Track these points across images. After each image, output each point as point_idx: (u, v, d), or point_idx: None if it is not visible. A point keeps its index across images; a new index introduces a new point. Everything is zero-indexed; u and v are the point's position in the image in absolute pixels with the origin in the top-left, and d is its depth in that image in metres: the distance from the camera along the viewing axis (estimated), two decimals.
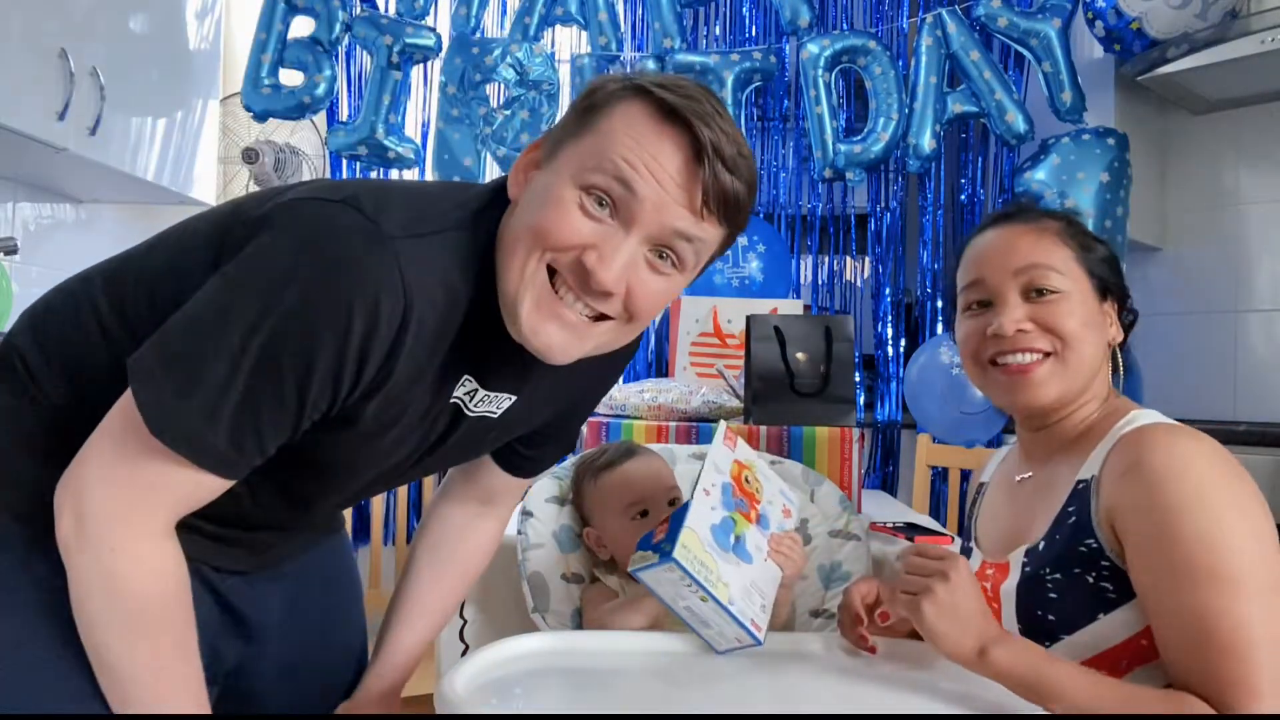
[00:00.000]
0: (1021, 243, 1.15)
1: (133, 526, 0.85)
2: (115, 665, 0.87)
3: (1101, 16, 2.67)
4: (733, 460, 1.21)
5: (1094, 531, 1.03)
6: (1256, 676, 0.90)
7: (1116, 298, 1.17)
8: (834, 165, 3.01)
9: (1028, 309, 1.12)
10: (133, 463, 0.84)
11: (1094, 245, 1.17)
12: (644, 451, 1.51)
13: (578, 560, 1.49)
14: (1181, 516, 0.95)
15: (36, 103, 2.19)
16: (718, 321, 2.38)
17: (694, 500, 1.10)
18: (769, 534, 1.19)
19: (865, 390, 3.26)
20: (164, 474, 0.85)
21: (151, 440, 0.83)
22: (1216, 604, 0.92)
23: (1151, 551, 0.97)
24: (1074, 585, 1.04)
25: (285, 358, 0.82)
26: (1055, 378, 1.11)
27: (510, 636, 1.13)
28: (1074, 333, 1.11)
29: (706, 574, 1.06)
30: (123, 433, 0.85)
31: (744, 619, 1.07)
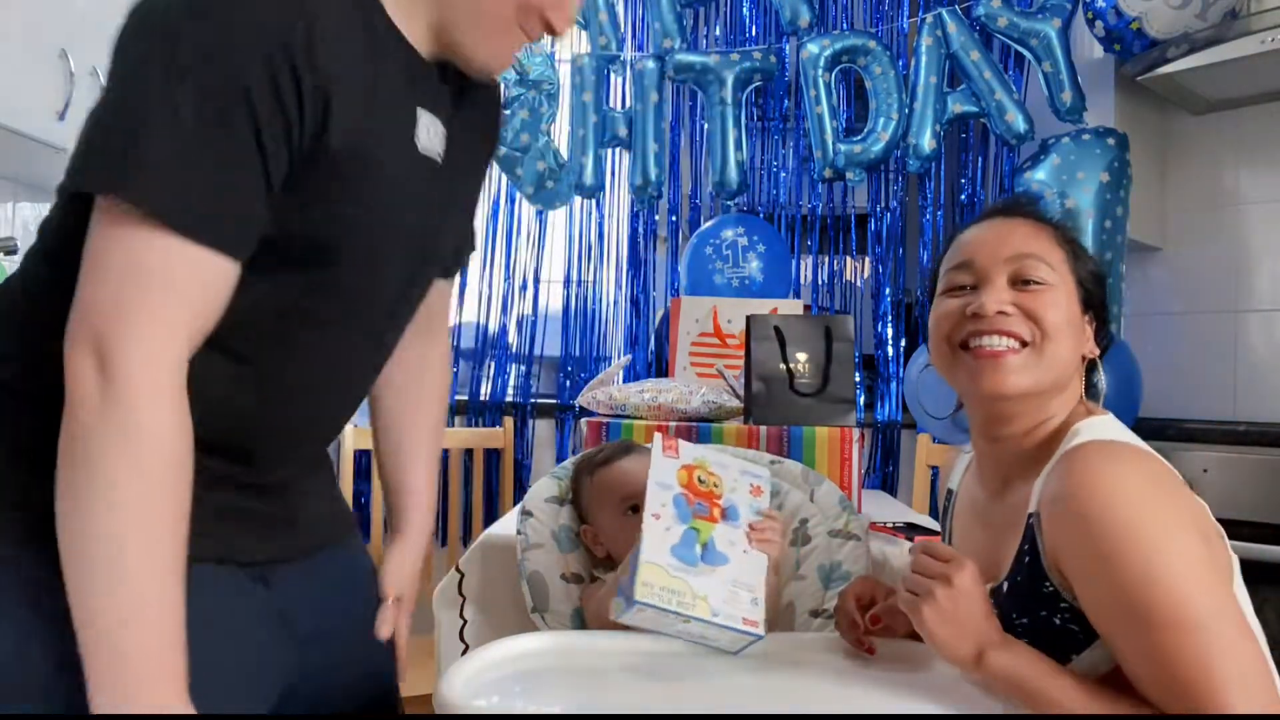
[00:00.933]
0: (1017, 233, 1.13)
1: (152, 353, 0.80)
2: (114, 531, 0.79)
3: (1101, 16, 2.67)
4: (678, 468, 1.17)
5: (1047, 574, 1.00)
6: (1232, 700, 0.87)
7: (1097, 314, 1.14)
8: (834, 165, 3.01)
9: (1013, 294, 1.09)
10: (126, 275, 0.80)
11: (1085, 256, 1.15)
12: (641, 450, 1.51)
13: (577, 560, 1.50)
14: (1118, 559, 0.91)
15: (37, 103, 2.19)
16: (718, 321, 2.38)
17: (644, 532, 1.09)
18: (742, 524, 1.16)
19: (865, 390, 3.26)
20: (163, 269, 0.80)
21: (129, 241, 0.80)
22: (1175, 647, 0.89)
23: (1099, 597, 0.94)
24: (1041, 629, 1.01)
25: (217, 95, 0.80)
26: (1028, 369, 1.07)
27: (509, 636, 1.13)
28: (1055, 325, 1.07)
29: (679, 599, 1.06)
30: (103, 256, 0.81)
31: (733, 624, 1.07)
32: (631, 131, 3.14)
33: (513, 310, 3.39)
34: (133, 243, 0.80)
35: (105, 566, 0.78)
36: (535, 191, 3.14)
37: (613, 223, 3.43)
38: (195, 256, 0.82)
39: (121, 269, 0.80)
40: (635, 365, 3.29)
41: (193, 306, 0.83)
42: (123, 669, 0.78)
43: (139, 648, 0.79)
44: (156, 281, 0.81)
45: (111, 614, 0.78)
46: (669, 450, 1.18)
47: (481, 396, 3.33)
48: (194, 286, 0.83)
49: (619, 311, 3.41)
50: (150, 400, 0.79)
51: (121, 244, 0.80)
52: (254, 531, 1.03)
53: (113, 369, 0.78)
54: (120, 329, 0.79)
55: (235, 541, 1.00)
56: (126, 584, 0.78)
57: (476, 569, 1.63)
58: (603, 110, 3.15)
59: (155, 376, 0.80)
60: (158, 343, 0.80)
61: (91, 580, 0.79)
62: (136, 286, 0.80)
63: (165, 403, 0.81)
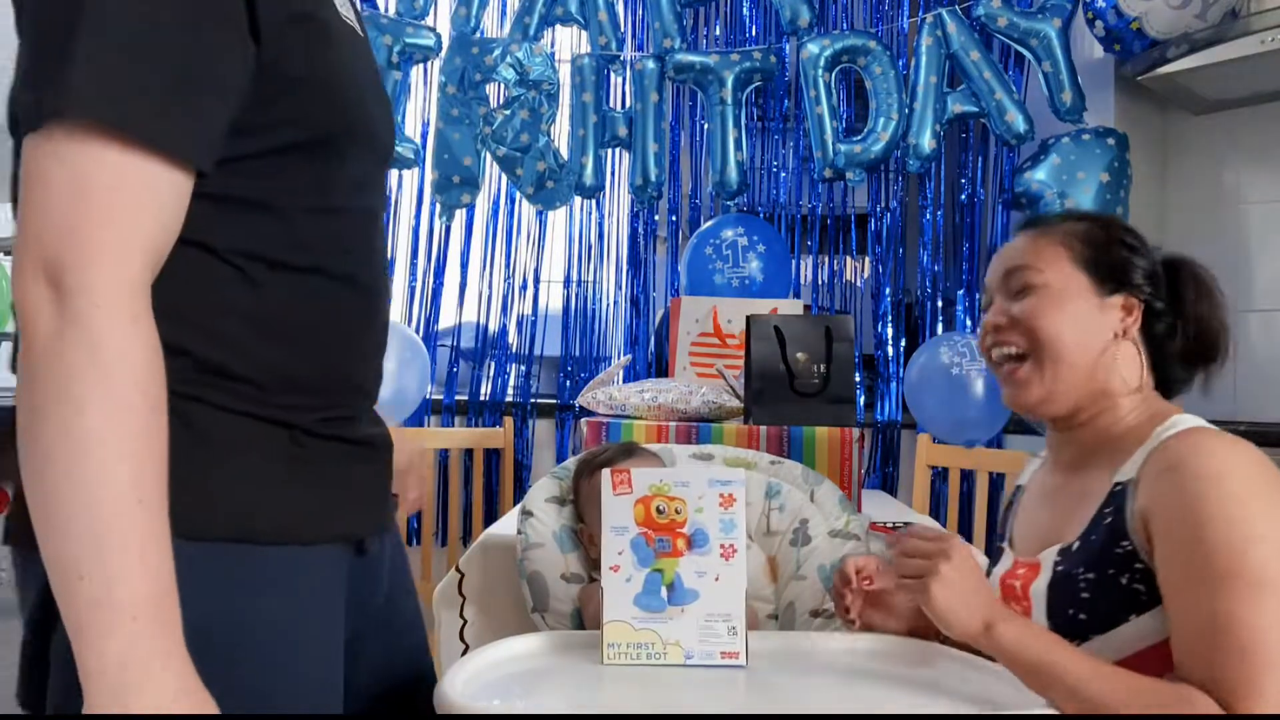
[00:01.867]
0: (1013, 248, 1.21)
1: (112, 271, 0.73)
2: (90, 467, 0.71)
3: (1101, 16, 2.67)
4: (633, 503, 1.10)
5: (1129, 534, 1.03)
6: (1265, 680, 0.90)
7: (1131, 289, 1.15)
8: (834, 165, 3.01)
9: (1010, 305, 1.17)
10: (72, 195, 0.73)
11: (1103, 239, 1.16)
12: (642, 452, 1.51)
13: (577, 560, 1.50)
14: (1213, 522, 0.95)
15: None
16: (718, 321, 2.38)
17: (604, 589, 1.08)
18: (712, 546, 1.10)
19: (865, 390, 3.26)
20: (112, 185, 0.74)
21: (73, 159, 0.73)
22: (1236, 608, 0.92)
23: (1179, 552, 0.98)
24: (1107, 586, 1.04)
25: None
26: (1034, 382, 1.14)
27: (510, 637, 1.13)
28: (1047, 331, 1.13)
29: (649, 652, 1.06)
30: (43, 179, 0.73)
31: (710, 660, 1.06)
32: (631, 131, 3.14)
33: (513, 310, 3.39)
34: (79, 160, 0.73)
35: (84, 511, 0.70)
36: (535, 191, 3.15)
37: (613, 223, 3.43)
38: (148, 169, 0.75)
39: (68, 190, 0.73)
40: (635, 365, 3.29)
41: (149, 223, 0.76)
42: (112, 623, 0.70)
43: (140, 596, 0.71)
44: (114, 200, 0.74)
45: (97, 568, 0.70)
46: (621, 486, 1.10)
47: (481, 396, 3.33)
48: (152, 202, 0.76)
49: (619, 311, 3.41)
50: (113, 318, 0.72)
51: (63, 164, 0.73)
52: (363, 504, 1.00)
53: (68, 290, 0.71)
54: (73, 250, 0.72)
55: (350, 517, 0.97)
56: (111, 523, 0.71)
57: (477, 569, 1.63)
58: (603, 110, 3.15)
59: (116, 295, 0.72)
60: (117, 261, 0.73)
61: (75, 530, 0.70)
62: (86, 205, 0.73)
63: (129, 322, 0.73)
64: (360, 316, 0.97)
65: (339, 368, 0.94)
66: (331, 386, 0.93)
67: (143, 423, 0.73)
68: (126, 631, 0.70)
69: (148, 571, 0.72)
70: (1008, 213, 3.14)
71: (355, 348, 0.97)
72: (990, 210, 3.21)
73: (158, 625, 0.72)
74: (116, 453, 0.71)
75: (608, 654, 1.05)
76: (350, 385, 0.97)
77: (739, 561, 1.10)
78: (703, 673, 1.06)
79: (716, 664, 1.06)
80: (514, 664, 1.07)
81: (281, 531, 0.87)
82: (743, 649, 1.07)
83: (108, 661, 0.70)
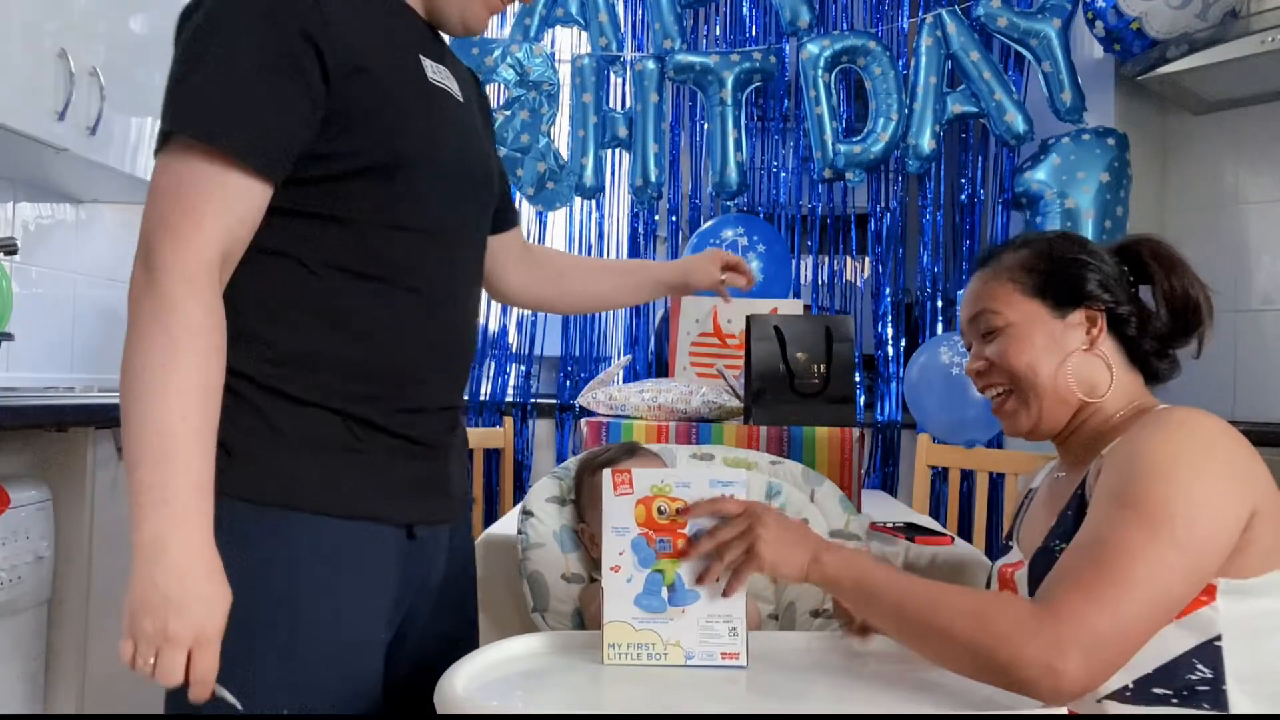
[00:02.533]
0: (973, 291, 1.26)
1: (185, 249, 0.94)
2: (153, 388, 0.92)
3: (1101, 16, 2.67)
4: (634, 504, 1.09)
5: (1088, 498, 1.07)
6: (1108, 596, 0.92)
7: (1088, 302, 1.17)
8: (834, 165, 3.01)
9: (984, 348, 1.22)
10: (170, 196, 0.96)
11: (1050, 263, 1.19)
12: (644, 452, 1.51)
13: (578, 560, 1.49)
14: (1148, 461, 1.00)
15: (36, 103, 2.19)
16: (717, 321, 2.38)
17: (605, 589, 1.08)
18: None
19: (865, 390, 3.27)
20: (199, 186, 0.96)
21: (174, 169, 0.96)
22: (1129, 533, 0.95)
23: (1107, 484, 1.02)
24: None
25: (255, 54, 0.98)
26: (1021, 411, 1.19)
27: (510, 636, 1.13)
28: (1021, 368, 1.17)
29: (649, 653, 1.06)
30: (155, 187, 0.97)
31: (711, 661, 1.06)
32: (631, 132, 3.14)
33: (513, 310, 3.39)
34: (179, 169, 0.97)
35: (142, 421, 0.92)
36: (536, 192, 3.14)
37: (613, 223, 3.43)
38: (227, 177, 0.97)
39: (168, 193, 0.96)
40: (635, 365, 3.29)
41: (225, 218, 0.97)
42: (153, 505, 0.91)
43: (173, 488, 0.91)
44: (195, 198, 0.96)
45: (147, 462, 0.91)
46: (622, 486, 1.10)
47: (481, 396, 3.33)
48: (226, 201, 0.97)
49: (619, 311, 3.41)
50: (179, 283, 0.93)
51: (167, 172, 0.97)
52: (412, 494, 1.14)
53: (153, 268, 0.94)
54: (161, 236, 0.94)
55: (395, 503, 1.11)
56: (160, 435, 0.91)
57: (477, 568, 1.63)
58: (603, 111, 3.15)
59: (185, 266, 0.94)
60: (190, 243, 0.95)
61: (138, 437, 0.92)
62: (178, 202, 0.96)
63: (193, 287, 0.94)
64: (422, 325, 1.11)
65: (400, 371, 1.10)
66: (391, 386, 1.09)
67: (192, 361, 0.93)
68: (160, 513, 0.91)
69: (185, 472, 0.92)
70: (1008, 213, 3.14)
71: (416, 354, 1.11)
72: (990, 210, 3.21)
73: (187, 515, 0.92)
74: (170, 382, 0.92)
75: (608, 654, 1.05)
76: (409, 387, 1.11)
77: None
78: (703, 673, 1.06)
79: (717, 664, 1.06)
80: (515, 664, 1.07)
81: (326, 505, 1.04)
82: (743, 650, 1.07)
83: (144, 534, 0.90)
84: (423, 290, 1.11)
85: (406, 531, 1.12)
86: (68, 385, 2.66)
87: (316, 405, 1.05)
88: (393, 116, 1.07)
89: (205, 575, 0.93)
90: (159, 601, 0.90)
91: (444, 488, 1.20)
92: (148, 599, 0.90)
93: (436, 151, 1.12)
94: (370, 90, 1.05)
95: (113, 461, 1.93)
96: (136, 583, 0.91)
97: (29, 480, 1.77)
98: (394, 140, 1.07)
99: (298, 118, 1.00)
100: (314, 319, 1.05)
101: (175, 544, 0.91)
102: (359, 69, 1.03)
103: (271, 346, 1.03)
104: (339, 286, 1.06)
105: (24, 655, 1.77)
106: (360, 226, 1.06)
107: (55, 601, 1.84)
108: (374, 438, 1.08)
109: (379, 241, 1.07)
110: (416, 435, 1.13)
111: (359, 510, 1.07)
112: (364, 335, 1.07)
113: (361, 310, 1.07)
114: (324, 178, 1.04)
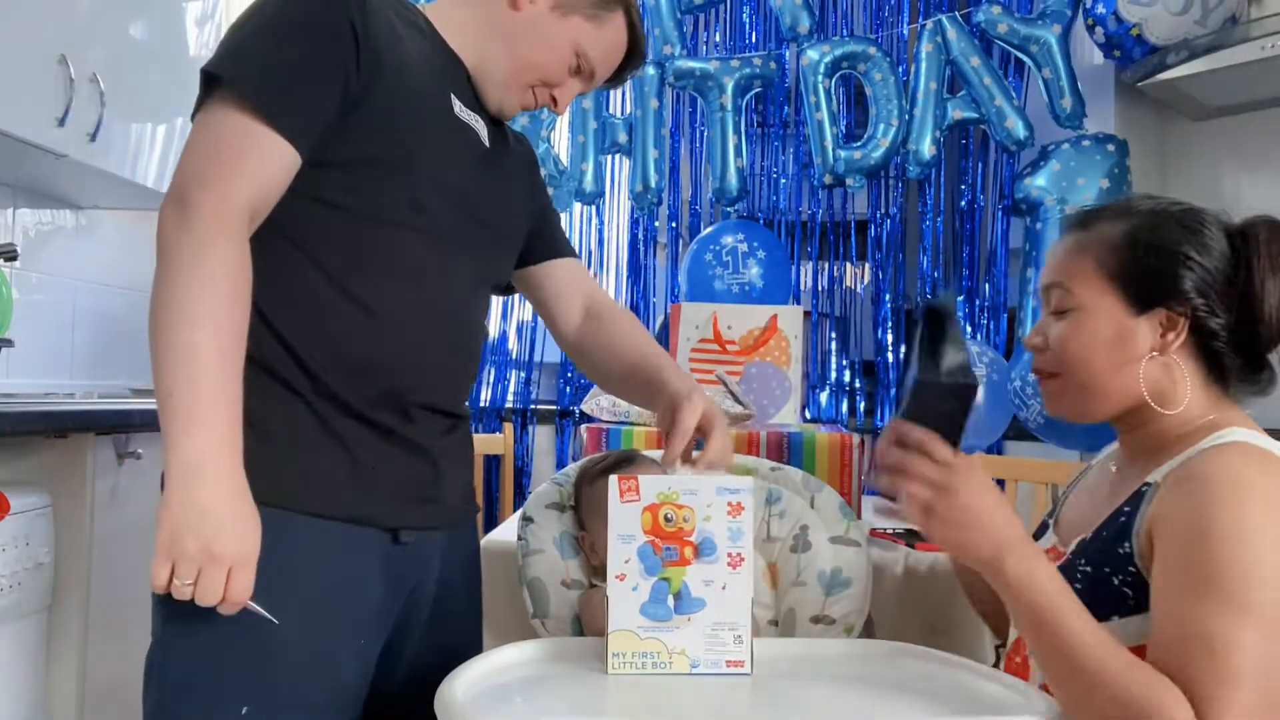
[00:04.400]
0: (1055, 256, 1.17)
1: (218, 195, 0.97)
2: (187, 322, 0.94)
3: (1101, 23, 2.68)
4: (641, 511, 1.09)
5: (1131, 537, 1.02)
6: (1229, 698, 0.89)
7: (1174, 303, 1.07)
8: (834, 171, 3.01)
9: (1049, 324, 1.15)
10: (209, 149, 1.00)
11: (1144, 250, 1.09)
12: (643, 460, 1.51)
13: (578, 566, 1.49)
14: (1220, 535, 0.93)
15: (36, 109, 2.19)
16: (718, 328, 2.37)
17: (609, 597, 1.07)
18: (719, 555, 1.09)
19: (865, 397, 3.26)
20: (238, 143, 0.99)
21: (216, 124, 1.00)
22: (1220, 623, 0.91)
23: (1179, 557, 0.96)
24: (1100, 582, 1.04)
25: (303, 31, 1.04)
26: (1064, 397, 1.14)
27: (510, 643, 1.13)
28: (1075, 356, 1.11)
29: (654, 661, 1.05)
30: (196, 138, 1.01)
31: (716, 669, 1.06)
32: (631, 138, 3.14)
33: (513, 316, 3.39)
34: (220, 124, 1.00)
35: (175, 349, 0.93)
36: None
37: (613, 229, 3.43)
38: (263, 135, 1.00)
39: (208, 144, 1.00)
40: None
41: (259, 176, 1.00)
42: (190, 428, 0.92)
43: (210, 412, 0.93)
44: (232, 151, 0.99)
45: (181, 387, 0.93)
46: (628, 494, 1.09)
47: (481, 402, 3.33)
48: (262, 161, 1.00)
49: None
50: (216, 227, 0.96)
51: (210, 127, 1.01)
52: (407, 500, 1.14)
53: (188, 210, 0.96)
54: (196, 185, 0.97)
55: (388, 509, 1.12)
56: (195, 362, 0.93)
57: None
58: (603, 117, 3.15)
59: (220, 211, 0.96)
60: (225, 191, 0.97)
61: (172, 364, 0.93)
62: (217, 154, 0.99)
63: (230, 231, 0.97)
64: (415, 323, 1.12)
65: (388, 366, 1.10)
66: (377, 381, 1.10)
67: (226, 295, 0.96)
68: (199, 435, 0.92)
69: (221, 398, 0.94)
70: (1008, 219, 3.14)
71: (405, 350, 1.12)
72: (990, 216, 3.21)
73: (224, 439, 0.94)
74: (205, 313, 0.94)
75: (613, 664, 1.05)
76: (398, 384, 1.11)
77: (746, 570, 1.09)
78: (705, 680, 1.05)
79: (722, 672, 1.06)
80: (514, 670, 1.07)
81: (303, 502, 1.05)
82: (748, 657, 1.06)
83: (182, 456, 0.92)
84: (417, 289, 1.13)
85: (392, 536, 1.12)
86: (68, 391, 2.66)
87: (299, 394, 1.06)
88: (408, 120, 1.11)
89: (242, 496, 0.95)
90: (200, 520, 0.91)
91: (435, 492, 1.19)
92: (188, 518, 0.91)
93: (445, 165, 1.15)
94: (393, 93, 1.09)
95: (113, 467, 1.93)
96: (175, 503, 0.91)
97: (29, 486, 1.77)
98: (405, 140, 1.11)
99: (332, 98, 1.04)
100: (303, 306, 1.07)
101: (214, 465, 0.93)
102: (386, 72, 1.08)
103: (259, 332, 1.04)
104: (330, 275, 1.08)
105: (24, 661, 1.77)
106: (357, 217, 1.09)
107: (55, 607, 1.83)
108: (357, 433, 1.09)
109: (374, 234, 1.10)
110: (404, 434, 1.13)
111: (338, 510, 1.07)
112: (352, 327, 1.08)
113: (351, 301, 1.08)
114: (329, 162, 1.06)
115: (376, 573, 1.11)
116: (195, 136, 1.02)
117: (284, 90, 1.02)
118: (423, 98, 1.14)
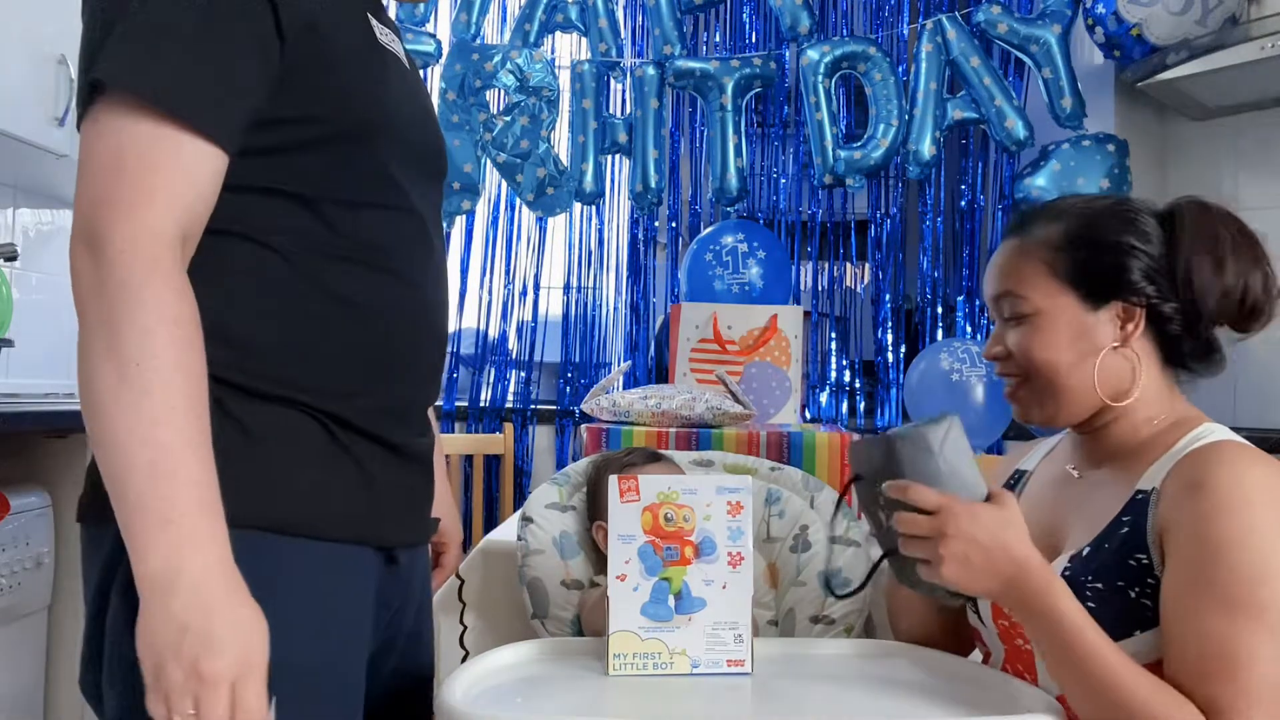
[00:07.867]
0: (999, 267, 1.16)
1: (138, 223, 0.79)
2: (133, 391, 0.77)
3: (1101, 23, 2.68)
4: (641, 511, 1.09)
5: (1147, 547, 1.00)
6: (1251, 711, 0.89)
7: (1128, 294, 1.09)
8: (834, 171, 3.01)
9: (1005, 333, 1.14)
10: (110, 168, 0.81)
11: (1088, 246, 1.11)
12: (667, 460, 1.52)
13: (578, 566, 1.49)
14: (1233, 547, 0.93)
15: (36, 109, 2.19)
16: (718, 328, 2.38)
17: (610, 598, 1.07)
18: (719, 554, 1.09)
19: (865, 397, 3.26)
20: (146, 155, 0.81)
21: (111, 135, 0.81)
22: (1237, 637, 0.91)
23: (1191, 571, 0.95)
24: (1115, 597, 1.01)
25: None
26: (1032, 403, 1.13)
27: (510, 643, 1.13)
28: (1040, 361, 1.10)
29: (655, 662, 1.05)
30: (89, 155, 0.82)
31: (717, 669, 1.06)
32: (631, 138, 3.14)
33: (513, 316, 3.39)
34: (116, 135, 0.81)
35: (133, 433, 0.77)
36: (535, 198, 3.15)
37: (613, 229, 3.43)
38: (178, 140, 0.82)
39: (108, 164, 0.81)
40: (635, 371, 3.28)
41: (181, 192, 0.82)
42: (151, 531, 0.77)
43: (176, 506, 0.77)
44: (143, 167, 0.81)
45: (137, 476, 0.76)
46: (629, 494, 1.09)
47: (481, 402, 3.33)
48: (181, 172, 0.82)
49: (619, 317, 3.41)
50: (140, 268, 0.78)
51: (103, 139, 0.81)
52: (402, 513, 1.04)
53: (102, 250, 0.78)
54: (107, 214, 0.79)
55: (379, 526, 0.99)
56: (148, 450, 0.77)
57: (477, 575, 1.63)
58: (603, 117, 3.15)
59: (143, 247, 0.79)
60: (145, 219, 0.80)
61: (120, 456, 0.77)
62: (121, 175, 0.80)
63: (157, 269, 0.79)
64: (401, 310, 0.99)
65: (379, 363, 0.97)
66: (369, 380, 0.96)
67: (171, 356, 0.78)
68: (165, 537, 0.76)
69: (186, 486, 0.78)
70: (1008, 219, 3.14)
71: (395, 343, 0.99)
72: (990, 216, 3.21)
73: (197, 534, 0.77)
74: (149, 386, 0.77)
75: (614, 665, 1.05)
76: (390, 382, 0.99)
77: (746, 569, 1.09)
78: (705, 680, 1.05)
79: (723, 672, 1.05)
80: (514, 670, 1.07)
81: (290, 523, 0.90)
82: (748, 657, 1.07)
83: (152, 566, 0.76)
84: (398, 271, 0.99)
85: (386, 556, 1.01)
86: (68, 391, 2.66)
87: (285, 402, 0.91)
88: (348, 79, 0.95)
89: (230, 597, 0.79)
90: (179, 639, 0.76)
91: (424, 504, 1.10)
92: (167, 640, 0.76)
93: (393, 119, 1.00)
94: (323, 50, 0.92)
95: None
96: (150, 623, 0.76)
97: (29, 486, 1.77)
98: (349, 105, 0.94)
99: (253, 76, 0.86)
100: (277, 306, 0.92)
101: (190, 568, 0.77)
102: (310, 26, 0.90)
103: (231, 340, 0.89)
104: (305, 270, 0.93)
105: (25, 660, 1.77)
106: (321, 203, 0.93)
107: (55, 607, 1.84)
108: (351, 441, 0.95)
109: (344, 217, 0.95)
110: (397, 441, 1.00)
111: (330, 530, 0.93)
112: (336, 322, 0.94)
113: (330, 294, 0.94)
114: (275, 148, 0.91)
115: (370, 596, 0.99)
116: (90, 152, 0.81)
117: (192, 79, 0.83)
118: (353, 43, 0.97)
